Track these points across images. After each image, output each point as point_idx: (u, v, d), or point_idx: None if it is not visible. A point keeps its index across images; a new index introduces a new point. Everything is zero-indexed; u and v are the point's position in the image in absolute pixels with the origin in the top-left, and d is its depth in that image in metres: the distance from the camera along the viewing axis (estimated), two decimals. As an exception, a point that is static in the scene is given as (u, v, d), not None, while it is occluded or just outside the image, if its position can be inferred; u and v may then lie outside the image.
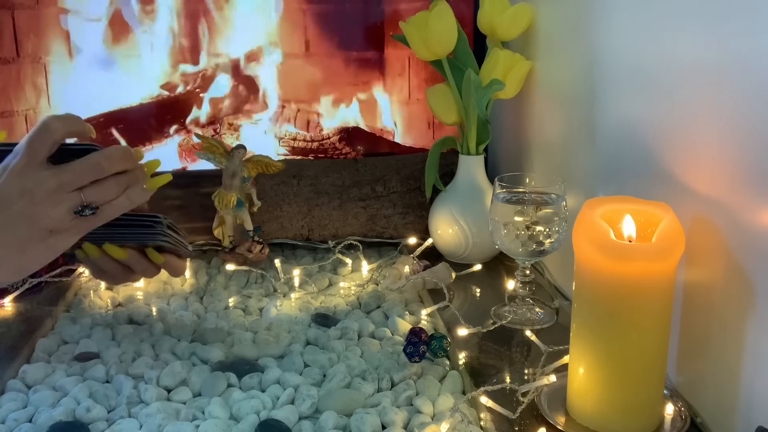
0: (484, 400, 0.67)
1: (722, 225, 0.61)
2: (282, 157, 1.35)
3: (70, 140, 0.69)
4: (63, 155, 0.66)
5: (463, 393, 0.73)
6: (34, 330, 0.85)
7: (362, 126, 1.39)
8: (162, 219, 0.76)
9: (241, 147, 1.02)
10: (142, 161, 0.71)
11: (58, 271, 0.98)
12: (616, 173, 0.81)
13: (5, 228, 0.63)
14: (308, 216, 1.12)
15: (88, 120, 1.33)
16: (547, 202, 0.83)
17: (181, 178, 1.16)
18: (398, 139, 1.40)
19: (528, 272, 0.87)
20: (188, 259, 1.04)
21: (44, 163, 0.65)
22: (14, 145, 0.67)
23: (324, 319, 0.88)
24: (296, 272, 1.00)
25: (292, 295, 0.96)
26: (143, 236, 0.77)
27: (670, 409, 0.65)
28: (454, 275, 0.96)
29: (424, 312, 0.90)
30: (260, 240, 1.03)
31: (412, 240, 1.09)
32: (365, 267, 1.04)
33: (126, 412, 0.69)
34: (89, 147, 0.67)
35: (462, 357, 0.78)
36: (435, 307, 0.90)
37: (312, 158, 1.34)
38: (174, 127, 1.37)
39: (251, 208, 1.04)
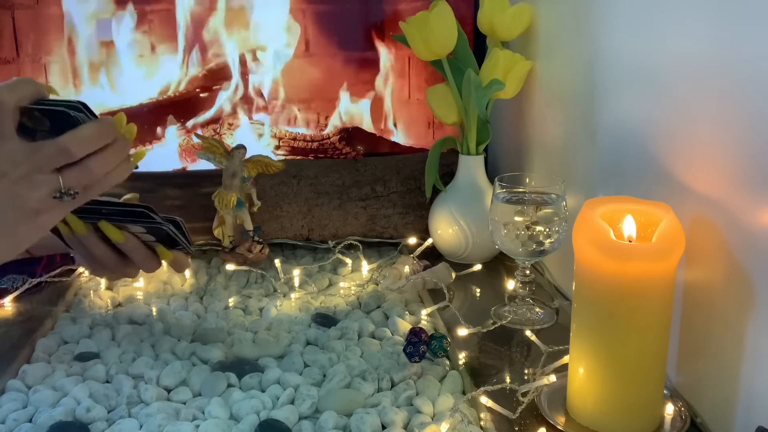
0: (484, 400, 0.67)
1: (722, 225, 0.61)
2: (282, 157, 1.35)
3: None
4: (38, 121, 0.65)
5: (463, 393, 0.73)
6: (34, 330, 0.85)
7: (362, 126, 1.39)
8: (152, 209, 0.75)
9: (241, 147, 1.02)
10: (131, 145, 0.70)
11: (58, 271, 0.98)
12: (616, 173, 0.81)
13: None
14: (308, 216, 1.12)
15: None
16: (547, 202, 0.83)
17: (181, 178, 1.16)
18: (398, 139, 1.40)
19: (528, 272, 0.87)
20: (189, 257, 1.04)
21: (14, 139, 0.63)
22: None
23: (324, 319, 0.88)
24: (296, 272, 1.00)
25: (292, 295, 0.96)
26: (142, 222, 0.75)
27: (670, 409, 0.65)
28: (454, 275, 0.96)
29: (424, 312, 0.90)
30: (260, 240, 1.03)
31: (412, 240, 1.09)
32: (365, 267, 1.04)
33: (126, 412, 0.69)
34: (69, 104, 0.65)
35: (462, 357, 0.78)
36: (435, 307, 0.90)
37: (312, 158, 1.34)
38: (174, 127, 1.37)
39: (251, 208, 1.04)
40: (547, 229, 0.82)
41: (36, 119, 0.65)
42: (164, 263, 0.82)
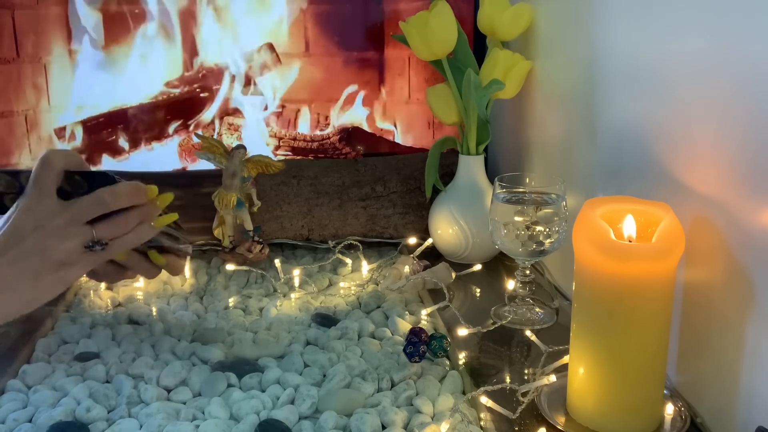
0: (484, 400, 0.67)
1: (722, 225, 0.61)
2: (282, 157, 1.35)
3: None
4: (77, 185, 0.70)
5: (463, 393, 0.73)
6: (34, 330, 0.85)
7: (362, 126, 1.39)
8: None
9: (241, 147, 1.02)
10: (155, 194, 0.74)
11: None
12: (616, 173, 0.81)
13: (18, 260, 0.66)
14: (308, 216, 1.12)
15: (89, 120, 1.33)
16: (547, 202, 0.83)
17: (181, 178, 1.16)
18: (398, 139, 1.40)
19: (528, 272, 0.87)
20: (188, 259, 1.04)
21: (54, 196, 0.68)
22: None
23: (324, 319, 0.88)
24: (296, 272, 1.00)
25: (292, 295, 0.96)
26: None
27: (670, 409, 0.65)
28: (454, 275, 0.96)
29: (424, 312, 0.90)
30: (260, 240, 1.03)
31: (412, 240, 1.09)
32: (365, 267, 1.04)
33: (126, 412, 0.69)
34: (102, 175, 0.71)
35: (462, 357, 0.78)
36: (435, 307, 0.90)
37: (312, 158, 1.34)
38: (174, 127, 1.37)
39: (251, 208, 1.04)
40: (547, 229, 0.82)
41: (75, 183, 0.70)
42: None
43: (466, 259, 1.04)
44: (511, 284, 0.91)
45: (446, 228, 1.03)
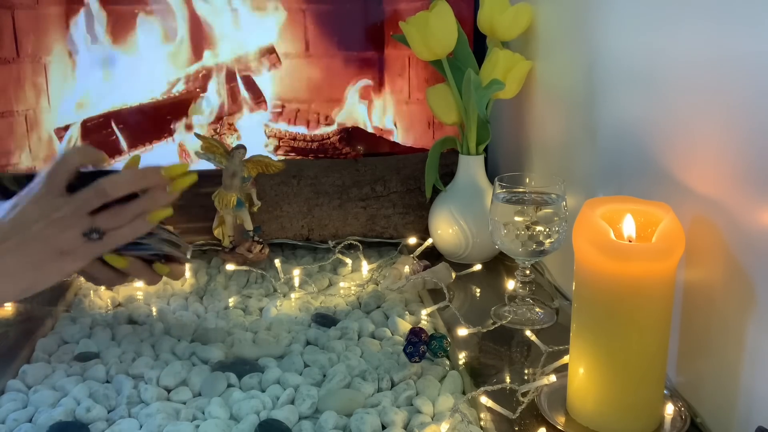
0: (484, 400, 0.67)
1: (722, 225, 0.61)
2: (282, 157, 1.35)
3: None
4: (86, 181, 0.72)
5: (463, 393, 0.73)
6: (34, 330, 0.85)
7: (362, 126, 1.39)
8: (157, 230, 0.77)
9: (241, 147, 1.02)
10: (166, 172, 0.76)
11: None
12: (616, 173, 0.81)
13: (21, 247, 0.69)
14: (308, 216, 1.12)
15: (88, 120, 1.33)
16: (547, 202, 0.83)
17: (181, 178, 1.16)
18: (398, 139, 1.40)
19: (528, 272, 0.87)
20: (187, 263, 1.04)
21: (62, 191, 0.71)
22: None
23: (324, 319, 0.88)
24: (296, 272, 1.00)
25: (292, 295, 0.96)
26: (139, 247, 0.77)
27: (670, 409, 0.65)
28: (454, 275, 0.96)
29: (424, 312, 0.90)
30: (260, 240, 1.03)
31: (412, 240, 1.09)
32: (365, 267, 1.04)
33: (126, 412, 0.69)
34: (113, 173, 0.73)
35: (462, 357, 0.78)
36: (435, 307, 0.90)
37: (312, 158, 1.34)
38: (174, 127, 1.37)
39: (251, 208, 1.04)
40: (547, 229, 0.82)
41: (85, 178, 0.72)
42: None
43: (466, 259, 1.04)
44: (511, 284, 0.91)
45: (446, 228, 1.03)
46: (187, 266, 1.03)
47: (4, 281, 0.68)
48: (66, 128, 1.32)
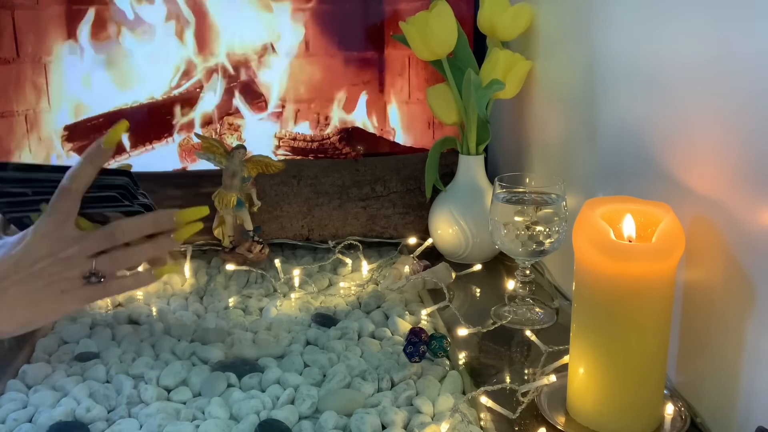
0: (484, 400, 0.67)
1: (722, 225, 0.61)
2: (282, 157, 1.35)
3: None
4: (99, 189, 0.71)
5: (463, 393, 0.73)
6: (34, 330, 0.84)
7: (362, 126, 1.39)
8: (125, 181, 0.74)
9: (241, 147, 1.02)
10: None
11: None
12: (616, 173, 0.81)
13: (24, 283, 0.67)
14: (308, 216, 1.12)
15: (88, 120, 1.33)
16: (547, 202, 0.83)
17: (181, 178, 1.16)
18: (398, 139, 1.40)
19: (528, 272, 0.87)
20: (187, 258, 1.04)
21: (71, 225, 0.69)
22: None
23: (324, 319, 0.88)
24: (296, 272, 1.00)
25: (292, 295, 0.96)
26: (114, 207, 0.75)
27: (670, 409, 0.65)
28: (454, 275, 0.96)
29: (424, 312, 0.90)
30: (260, 240, 1.03)
31: (412, 240, 1.09)
32: (365, 267, 1.04)
33: (126, 412, 0.69)
34: (122, 173, 0.72)
35: (462, 357, 0.78)
36: (435, 307, 0.90)
37: (312, 158, 1.34)
38: (174, 127, 1.37)
39: (251, 208, 1.04)
40: (547, 229, 0.82)
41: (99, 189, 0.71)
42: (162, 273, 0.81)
43: (466, 259, 1.04)
44: (511, 284, 0.91)
45: (446, 228, 1.03)
46: (187, 266, 1.03)
47: (3, 315, 0.67)
48: (66, 128, 1.32)
